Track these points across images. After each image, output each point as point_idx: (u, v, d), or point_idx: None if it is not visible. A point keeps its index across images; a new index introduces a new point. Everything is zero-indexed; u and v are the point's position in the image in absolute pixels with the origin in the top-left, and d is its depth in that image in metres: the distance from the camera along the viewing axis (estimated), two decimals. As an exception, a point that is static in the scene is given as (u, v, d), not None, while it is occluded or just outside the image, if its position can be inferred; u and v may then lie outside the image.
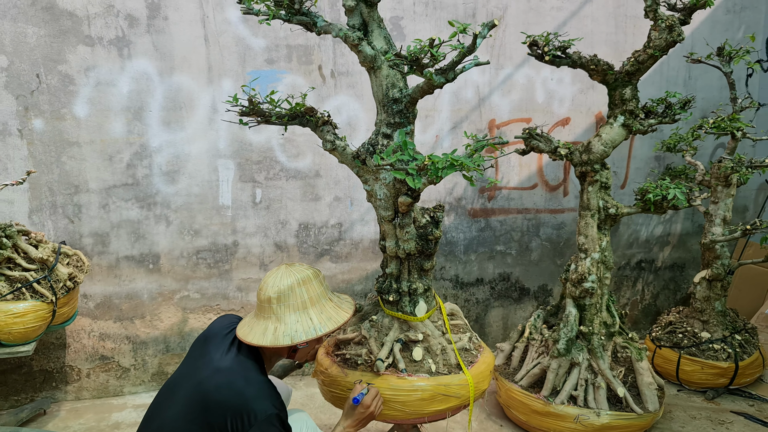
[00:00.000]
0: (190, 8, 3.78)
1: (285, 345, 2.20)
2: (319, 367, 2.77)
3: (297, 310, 2.28)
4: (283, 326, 2.24)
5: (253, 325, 2.29)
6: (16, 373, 3.83)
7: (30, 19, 3.53)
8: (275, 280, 2.29)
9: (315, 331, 2.25)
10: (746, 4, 4.91)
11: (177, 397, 2.13)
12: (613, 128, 3.54)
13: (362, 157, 2.55)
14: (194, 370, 2.19)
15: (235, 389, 2.05)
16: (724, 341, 4.15)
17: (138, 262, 3.95)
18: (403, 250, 2.68)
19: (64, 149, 3.70)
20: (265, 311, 2.29)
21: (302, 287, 2.30)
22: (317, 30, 2.52)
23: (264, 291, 2.29)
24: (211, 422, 2.01)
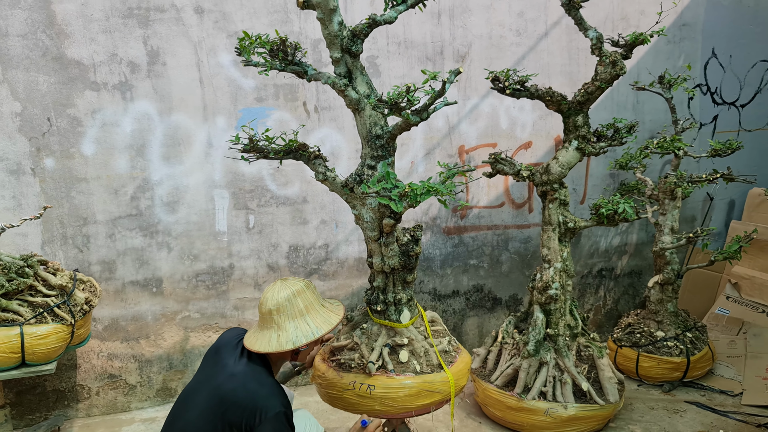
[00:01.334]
0: (186, 54, 4.13)
1: (288, 350, 2.53)
2: (317, 372, 3.10)
3: (295, 318, 2.59)
4: (284, 333, 2.56)
5: (258, 336, 2.60)
6: (30, 393, 4.08)
7: (41, 69, 3.85)
8: (273, 294, 2.61)
9: (313, 335, 2.57)
10: (684, 35, 5.40)
11: (196, 402, 2.44)
12: (568, 152, 3.96)
13: (351, 185, 2.92)
14: (211, 376, 2.50)
15: (249, 391, 2.37)
16: (676, 339, 4.56)
17: (142, 286, 4.25)
18: (388, 266, 3.03)
19: (74, 185, 4.01)
20: (267, 322, 2.60)
21: (297, 298, 2.61)
22: (308, 78, 2.87)
23: (264, 305, 2.60)
24: (230, 420, 2.33)
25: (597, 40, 3.82)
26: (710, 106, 5.64)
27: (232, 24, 4.20)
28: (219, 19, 4.16)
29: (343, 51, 2.83)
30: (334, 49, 2.82)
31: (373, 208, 2.92)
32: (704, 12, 5.44)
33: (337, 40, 2.79)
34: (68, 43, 3.89)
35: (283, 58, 2.78)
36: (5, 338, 3.22)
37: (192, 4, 4.10)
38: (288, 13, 4.30)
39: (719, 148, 4.57)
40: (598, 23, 5.07)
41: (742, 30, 5.63)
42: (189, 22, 4.10)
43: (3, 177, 3.86)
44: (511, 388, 3.92)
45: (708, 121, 5.67)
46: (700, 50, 5.50)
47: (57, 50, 3.88)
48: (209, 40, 4.16)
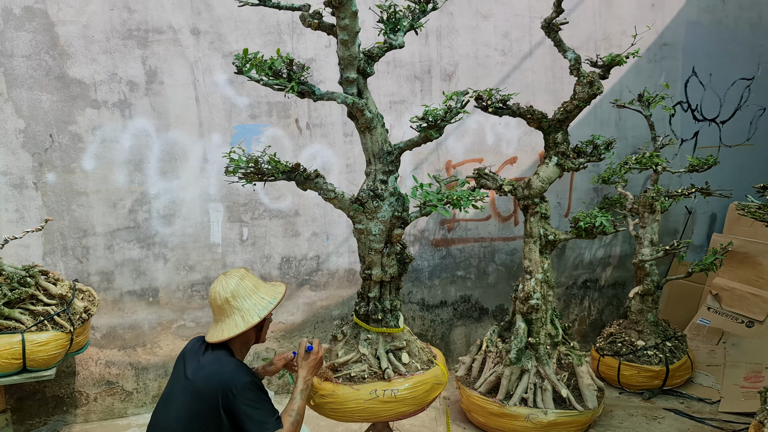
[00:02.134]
0: (183, 73, 4.29)
1: (255, 323, 2.64)
2: (323, 393, 3.08)
3: (250, 297, 2.70)
4: (246, 312, 2.66)
5: (219, 327, 2.70)
6: (31, 399, 4.21)
7: (44, 87, 4.02)
8: (223, 287, 2.70)
9: (271, 304, 2.70)
10: (665, 54, 5.58)
11: (174, 403, 2.57)
12: (548, 167, 4.11)
13: (363, 200, 3.06)
14: (180, 377, 2.64)
15: (214, 373, 2.52)
16: (656, 348, 4.69)
17: (139, 296, 4.39)
18: (388, 275, 3.19)
19: (74, 198, 4.16)
20: (225, 312, 2.68)
21: (244, 280, 2.73)
22: (315, 97, 2.90)
23: (219, 297, 2.68)
24: (210, 406, 2.46)
25: (575, 61, 3.99)
26: (691, 123, 5.80)
27: (227, 44, 4.37)
28: (214, 40, 4.34)
29: (358, 72, 2.98)
30: (351, 69, 2.91)
31: (384, 220, 3.07)
32: (684, 32, 5.62)
33: (355, 61, 2.91)
34: (70, 63, 4.06)
35: (290, 78, 2.86)
36: (7, 345, 3.35)
37: (189, 26, 4.27)
38: (281, 34, 4.47)
39: (696, 163, 4.73)
40: (581, 43, 5.24)
41: (721, 49, 5.81)
42: (186, 43, 4.28)
43: (7, 191, 4.02)
44: (493, 395, 4.05)
45: (689, 137, 5.83)
46: (680, 69, 5.67)
47: (59, 70, 4.05)
48: (205, 60, 4.33)
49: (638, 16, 5.41)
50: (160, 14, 4.21)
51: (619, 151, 5.49)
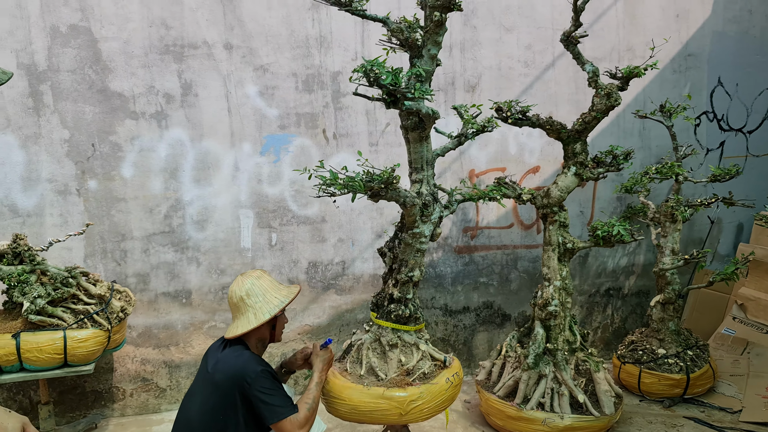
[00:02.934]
0: (216, 86, 4.50)
1: (266, 320, 2.81)
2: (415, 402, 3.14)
3: (264, 295, 2.89)
4: (259, 310, 2.85)
5: (235, 325, 2.90)
6: (71, 393, 4.44)
7: (87, 100, 4.26)
8: (239, 286, 2.90)
9: (282, 303, 2.88)
10: (690, 64, 5.59)
11: (197, 396, 2.79)
12: (567, 177, 4.19)
13: (428, 204, 3.30)
14: (203, 371, 2.85)
15: (231, 365, 2.72)
16: (677, 356, 4.70)
17: (173, 297, 4.60)
18: (422, 275, 3.41)
19: (113, 204, 4.39)
20: (240, 309, 2.88)
21: (259, 280, 2.92)
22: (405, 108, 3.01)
23: (235, 295, 2.90)
24: (228, 396, 2.66)
25: (593, 73, 4.06)
26: (717, 133, 5.79)
27: (258, 58, 4.56)
28: (246, 54, 4.53)
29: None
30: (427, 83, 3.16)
31: (434, 221, 3.33)
32: (710, 42, 5.62)
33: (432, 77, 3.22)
34: (111, 77, 4.30)
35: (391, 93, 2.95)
36: (51, 341, 3.58)
37: (222, 41, 4.48)
38: (309, 48, 4.65)
39: (718, 173, 4.74)
40: (605, 54, 5.30)
41: (748, 59, 5.79)
42: (219, 57, 4.48)
43: (52, 197, 4.27)
44: (511, 399, 4.12)
45: (715, 147, 5.81)
46: (706, 79, 5.67)
47: (101, 83, 4.29)
48: (237, 73, 4.52)
49: (662, 27, 5.44)
50: (195, 30, 4.42)
51: (643, 161, 5.51)
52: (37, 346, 3.58)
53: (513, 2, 5.07)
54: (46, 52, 4.18)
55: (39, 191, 4.25)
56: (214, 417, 2.67)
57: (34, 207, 4.26)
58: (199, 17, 4.42)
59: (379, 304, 3.47)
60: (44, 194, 4.26)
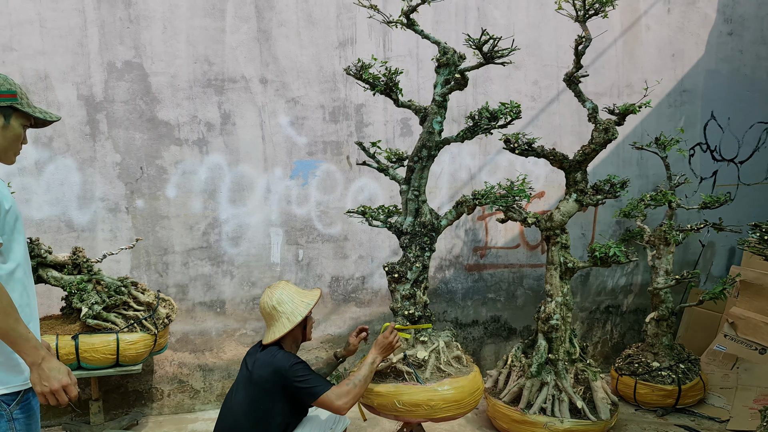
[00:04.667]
0: (252, 116, 4.93)
1: (298, 323, 3.16)
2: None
3: (292, 302, 3.23)
4: (291, 315, 3.19)
5: (270, 331, 3.23)
6: (116, 393, 4.83)
7: (137, 128, 4.70)
8: (270, 297, 3.24)
9: (309, 305, 3.24)
10: (685, 99, 5.98)
11: (238, 392, 3.18)
12: (568, 203, 4.56)
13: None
14: (244, 370, 3.25)
15: (268, 361, 3.10)
16: (670, 369, 5.03)
17: (209, 306, 4.99)
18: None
19: (158, 221, 4.81)
20: (273, 317, 3.22)
21: (285, 290, 3.27)
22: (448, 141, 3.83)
23: (266, 306, 3.24)
24: (265, 390, 3.05)
25: (593, 110, 4.45)
26: (710, 162, 6.16)
27: (289, 91, 4.99)
28: (279, 87, 4.97)
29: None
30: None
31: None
32: (703, 80, 6.01)
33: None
34: (159, 107, 4.74)
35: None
36: (105, 342, 3.98)
37: (258, 76, 4.92)
38: (336, 82, 5.08)
39: (708, 201, 5.10)
40: (605, 90, 5.70)
41: (739, 95, 6.17)
42: (255, 90, 4.92)
43: (104, 214, 4.70)
44: (516, 404, 4.47)
45: (708, 176, 6.18)
46: (699, 113, 6.05)
47: (150, 113, 4.73)
48: (271, 104, 4.96)
49: (659, 65, 5.84)
50: (235, 66, 4.86)
51: (641, 188, 5.88)
52: (92, 347, 3.97)
53: (521, 42, 5.48)
54: (103, 85, 4.63)
55: (93, 209, 4.68)
56: (256, 408, 3.05)
57: (88, 223, 4.68)
58: (238, 54, 4.87)
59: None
60: (97, 211, 4.69)
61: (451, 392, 3.62)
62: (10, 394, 2.26)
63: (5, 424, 2.25)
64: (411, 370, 3.65)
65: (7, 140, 2.34)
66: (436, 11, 5.25)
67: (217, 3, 4.79)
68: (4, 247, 2.24)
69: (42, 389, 2.19)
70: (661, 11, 5.82)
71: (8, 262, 2.27)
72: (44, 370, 2.19)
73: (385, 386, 3.60)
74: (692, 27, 5.93)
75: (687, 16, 5.90)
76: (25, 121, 2.38)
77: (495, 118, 3.88)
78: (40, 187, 4.58)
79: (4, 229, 2.23)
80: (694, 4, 5.91)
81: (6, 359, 2.25)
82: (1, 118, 2.29)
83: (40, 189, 4.58)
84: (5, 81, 2.31)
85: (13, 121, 2.33)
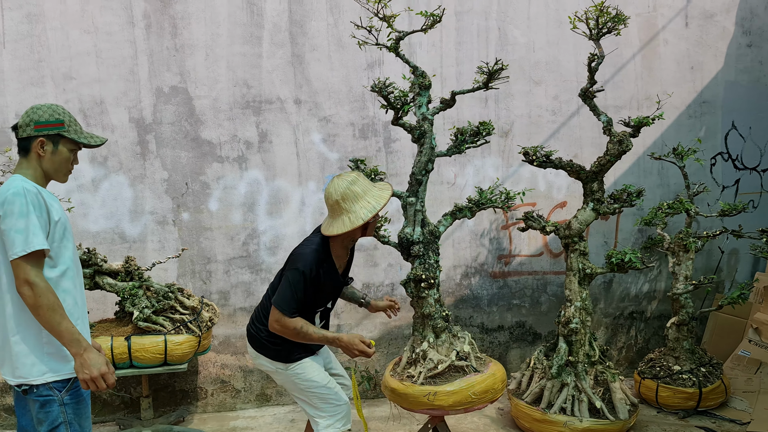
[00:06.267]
0: (287, 134, 5.25)
1: (360, 225, 3.05)
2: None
3: (358, 201, 3.06)
4: (353, 214, 3.05)
5: (331, 223, 3.13)
6: (164, 391, 5.17)
7: (183, 147, 5.07)
8: (335, 188, 3.08)
9: (375, 209, 3.08)
10: (705, 110, 6.07)
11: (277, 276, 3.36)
12: (586, 211, 4.74)
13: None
14: None
15: (295, 252, 3.19)
16: (691, 372, 5.11)
17: (248, 312, 5.30)
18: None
19: (202, 233, 5.16)
20: (336, 211, 3.09)
21: (354, 185, 3.09)
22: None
23: (331, 197, 3.09)
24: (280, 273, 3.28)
25: (607, 123, 4.62)
26: (732, 171, 6.23)
27: (321, 111, 5.30)
28: (312, 107, 5.28)
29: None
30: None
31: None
32: (723, 91, 6.10)
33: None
34: (202, 128, 5.10)
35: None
36: (155, 343, 4.31)
37: (292, 97, 5.24)
38: (365, 101, 5.37)
39: (726, 208, 5.20)
40: (625, 103, 5.85)
41: (760, 105, 6.23)
42: (289, 110, 5.24)
43: (153, 226, 5.06)
44: (537, 405, 4.64)
45: (731, 184, 6.24)
46: (720, 123, 6.14)
47: (194, 133, 5.09)
48: (304, 123, 5.27)
49: (678, 78, 5.96)
50: (271, 89, 5.20)
51: (662, 197, 5.99)
52: (143, 347, 4.31)
53: (541, 59, 5.69)
54: (152, 108, 5.01)
55: (143, 222, 5.06)
56: (273, 291, 3.25)
57: (138, 234, 5.06)
58: (274, 78, 5.20)
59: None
60: (147, 224, 5.06)
61: (497, 376, 4.00)
62: (60, 381, 2.61)
63: (57, 408, 2.59)
64: (469, 363, 3.96)
65: (57, 163, 2.69)
66: (458, 33, 5.51)
67: (254, 31, 5.14)
68: (53, 253, 2.59)
69: (83, 376, 2.51)
70: (679, 26, 5.95)
71: (58, 266, 2.63)
72: (85, 360, 2.51)
73: (456, 383, 3.87)
74: (710, 40, 6.04)
75: (705, 30, 6.01)
76: (73, 145, 2.72)
77: (478, 134, 4.31)
78: (96, 202, 4.98)
79: (54, 238, 2.59)
80: (712, 18, 6.02)
81: (56, 351, 2.59)
82: (50, 144, 2.65)
83: (96, 204, 4.98)
84: (54, 111, 2.66)
85: (61, 146, 2.68)
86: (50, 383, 2.58)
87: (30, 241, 2.45)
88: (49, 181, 2.73)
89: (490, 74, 4.21)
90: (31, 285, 2.44)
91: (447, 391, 3.81)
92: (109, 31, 4.91)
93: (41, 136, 2.62)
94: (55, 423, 2.57)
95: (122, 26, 4.93)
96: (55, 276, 2.61)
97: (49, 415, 2.57)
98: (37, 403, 2.57)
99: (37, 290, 2.44)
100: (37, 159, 2.65)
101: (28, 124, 2.62)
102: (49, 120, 2.63)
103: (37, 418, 2.59)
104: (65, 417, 2.59)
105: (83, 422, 2.67)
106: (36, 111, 2.64)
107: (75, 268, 2.74)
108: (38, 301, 2.44)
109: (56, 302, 2.49)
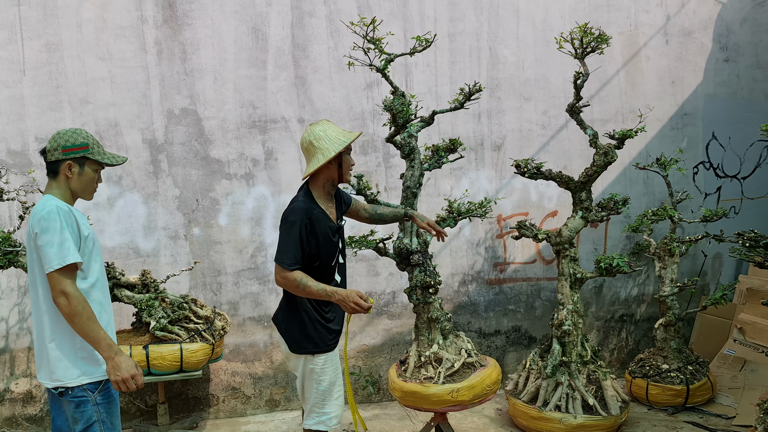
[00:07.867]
0: (292, 152, 5.47)
1: (332, 156, 3.12)
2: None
3: (329, 139, 3.17)
4: (324, 151, 3.15)
5: (308, 166, 3.22)
6: (177, 398, 5.34)
7: (193, 165, 5.29)
8: (309, 132, 3.21)
9: (344, 143, 3.18)
10: (686, 122, 6.32)
11: None
12: (575, 220, 4.96)
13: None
14: None
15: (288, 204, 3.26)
16: (678, 370, 5.32)
17: (257, 321, 5.49)
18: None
19: (212, 246, 5.36)
20: (310, 152, 3.20)
21: (325, 129, 3.22)
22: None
23: (305, 141, 3.22)
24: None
25: (593, 136, 4.86)
26: (713, 179, 6.47)
27: (324, 129, 5.52)
28: (315, 126, 5.50)
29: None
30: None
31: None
32: (703, 103, 6.36)
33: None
34: (211, 147, 5.32)
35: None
36: (171, 351, 4.50)
37: (296, 117, 5.47)
38: (364, 119, 5.60)
39: (708, 215, 5.43)
40: (610, 116, 6.09)
41: (738, 116, 6.48)
42: (293, 129, 5.47)
43: (166, 241, 5.26)
44: (534, 403, 4.83)
45: (713, 192, 6.48)
46: (701, 134, 6.39)
47: (204, 152, 5.31)
48: (308, 141, 5.49)
49: (660, 92, 6.22)
50: (276, 109, 5.43)
51: (648, 205, 6.22)
52: (160, 355, 4.50)
53: (530, 76, 5.94)
54: (164, 129, 5.23)
55: (156, 237, 5.26)
56: None
57: (152, 249, 5.26)
58: (278, 98, 5.43)
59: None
60: (159, 239, 5.26)
61: (497, 368, 4.40)
62: (93, 383, 2.81)
63: (91, 408, 2.79)
64: (476, 359, 4.30)
65: (84, 183, 2.91)
66: (452, 53, 5.75)
67: (259, 55, 5.38)
68: (84, 266, 2.81)
69: (115, 378, 2.71)
70: (659, 43, 6.21)
71: (88, 278, 2.84)
72: (117, 363, 2.71)
73: (472, 379, 4.17)
74: (690, 56, 6.30)
75: (684, 46, 6.28)
76: (97, 166, 2.94)
77: (453, 149, 4.70)
78: (111, 219, 5.18)
79: (84, 252, 2.80)
80: (690, 35, 6.29)
81: (89, 355, 2.79)
82: (77, 166, 2.86)
83: (112, 221, 5.18)
84: (79, 135, 2.87)
85: (86, 167, 2.90)
86: (84, 385, 2.78)
87: (65, 255, 2.65)
88: (76, 200, 2.94)
89: (469, 95, 4.54)
90: (67, 295, 2.64)
91: (467, 386, 4.10)
92: (122, 58, 5.14)
93: (68, 159, 2.83)
94: (89, 422, 2.77)
95: (135, 53, 5.16)
96: (87, 287, 2.81)
97: (83, 414, 2.76)
98: (72, 403, 2.77)
99: (73, 300, 2.64)
100: (65, 180, 2.86)
101: (56, 148, 2.83)
102: (75, 144, 2.84)
103: (73, 418, 2.78)
104: (98, 416, 2.79)
105: (114, 420, 2.87)
106: (62, 136, 2.85)
107: (103, 280, 2.95)
108: (74, 309, 2.64)
109: (89, 310, 2.69)
